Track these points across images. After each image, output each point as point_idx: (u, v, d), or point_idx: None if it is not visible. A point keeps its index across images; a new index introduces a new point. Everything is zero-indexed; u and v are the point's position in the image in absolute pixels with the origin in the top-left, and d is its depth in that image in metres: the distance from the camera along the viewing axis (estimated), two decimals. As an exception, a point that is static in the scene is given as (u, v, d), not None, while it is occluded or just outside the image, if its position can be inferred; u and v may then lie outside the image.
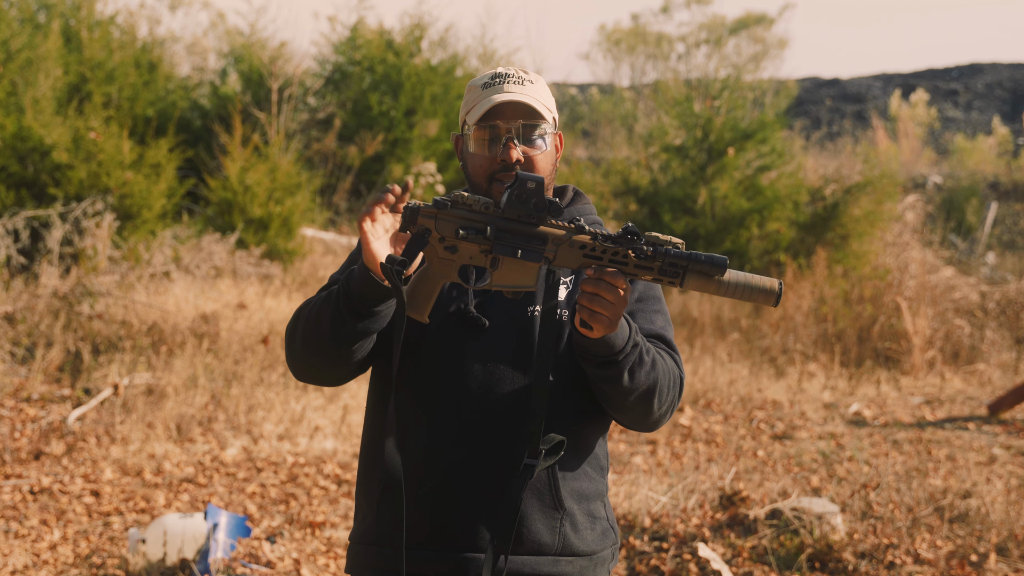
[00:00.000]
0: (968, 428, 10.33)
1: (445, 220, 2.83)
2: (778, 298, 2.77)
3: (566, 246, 2.80)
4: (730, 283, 2.77)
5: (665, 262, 2.75)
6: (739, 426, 10.31)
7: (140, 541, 6.50)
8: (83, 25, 17.16)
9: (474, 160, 3.12)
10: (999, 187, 24.49)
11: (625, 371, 2.95)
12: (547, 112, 3.11)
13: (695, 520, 6.92)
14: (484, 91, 3.12)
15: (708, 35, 34.33)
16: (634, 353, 2.95)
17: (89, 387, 9.91)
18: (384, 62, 18.83)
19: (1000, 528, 6.96)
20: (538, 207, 2.80)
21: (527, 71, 3.18)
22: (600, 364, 2.94)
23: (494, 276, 2.85)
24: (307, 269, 14.24)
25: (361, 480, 3.23)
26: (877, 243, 15.42)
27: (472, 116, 3.10)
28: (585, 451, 3.18)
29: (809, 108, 36.70)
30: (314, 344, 3.05)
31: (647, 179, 16.42)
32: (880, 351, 13.22)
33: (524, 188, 2.81)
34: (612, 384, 2.97)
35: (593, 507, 3.19)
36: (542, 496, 3.09)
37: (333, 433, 9.35)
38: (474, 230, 2.82)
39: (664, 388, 3.05)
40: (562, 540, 3.11)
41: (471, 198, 2.83)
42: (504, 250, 2.82)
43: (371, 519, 3.15)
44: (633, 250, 2.76)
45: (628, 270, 2.77)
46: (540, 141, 3.11)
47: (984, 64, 39.88)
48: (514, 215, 2.82)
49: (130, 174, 13.32)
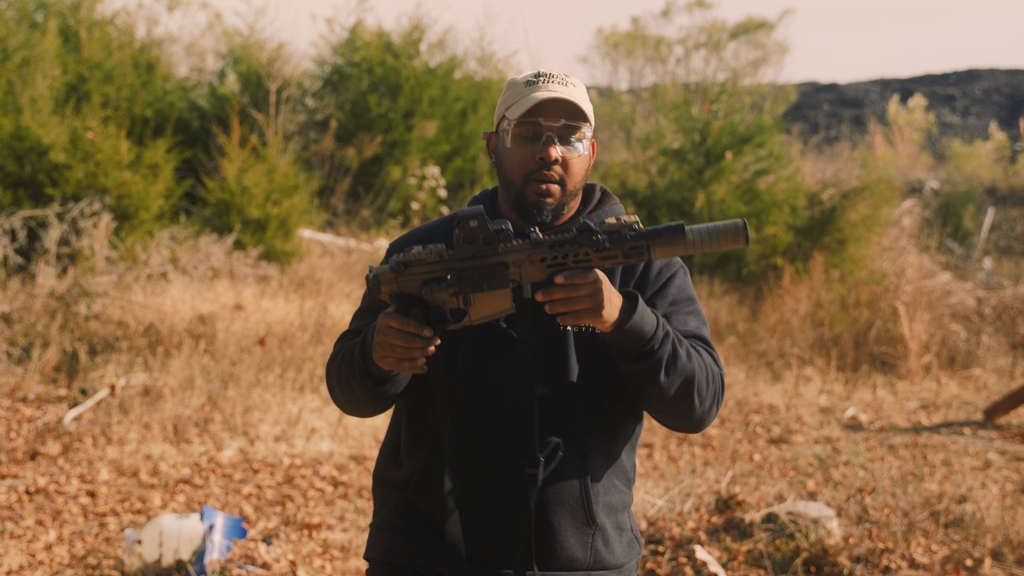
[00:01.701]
0: (964, 433, 10.34)
1: (407, 280, 2.90)
2: (746, 236, 2.78)
3: (527, 263, 2.84)
4: (695, 239, 2.80)
5: (626, 247, 2.79)
6: (735, 430, 10.31)
7: (136, 542, 6.50)
8: (81, 25, 17.16)
9: (511, 156, 3.10)
10: (996, 192, 24.51)
11: (663, 362, 2.95)
12: (589, 115, 3.10)
13: (691, 523, 6.93)
14: (527, 88, 3.10)
15: (707, 39, 34.32)
16: (667, 343, 2.95)
17: (85, 387, 9.91)
18: (383, 64, 18.83)
19: (995, 533, 6.96)
20: (487, 241, 2.85)
21: (568, 75, 3.16)
22: (636, 358, 2.94)
23: (472, 313, 2.89)
24: (304, 270, 14.23)
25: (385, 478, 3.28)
26: (874, 248, 15.43)
27: (514, 111, 3.07)
28: (614, 463, 3.18)
29: (807, 113, 36.72)
30: (355, 404, 3.17)
31: (645, 182, 16.43)
32: (876, 356, 13.24)
33: (468, 229, 2.85)
34: (650, 378, 2.97)
35: (621, 519, 3.20)
36: (575, 512, 3.10)
37: (330, 435, 9.35)
38: (436, 280, 2.88)
39: (704, 382, 3.05)
40: (594, 555, 3.13)
41: (424, 251, 2.88)
42: (471, 287, 2.87)
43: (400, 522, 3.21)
44: (592, 246, 2.79)
45: (595, 264, 2.80)
46: (579, 144, 3.10)
47: (982, 70, 39.89)
48: (468, 254, 2.86)
49: (128, 174, 13.32)
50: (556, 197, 3.09)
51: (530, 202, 3.08)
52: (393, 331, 2.87)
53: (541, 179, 3.07)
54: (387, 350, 2.89)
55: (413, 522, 3.16)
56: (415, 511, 3.15)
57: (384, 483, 3.25)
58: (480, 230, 2.84)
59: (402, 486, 3.17)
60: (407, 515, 3.17)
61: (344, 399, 3.18)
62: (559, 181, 3.08)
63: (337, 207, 17.79)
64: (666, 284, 3.19)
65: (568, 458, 3.08)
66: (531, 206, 3.09)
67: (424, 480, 3.11)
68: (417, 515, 3.15)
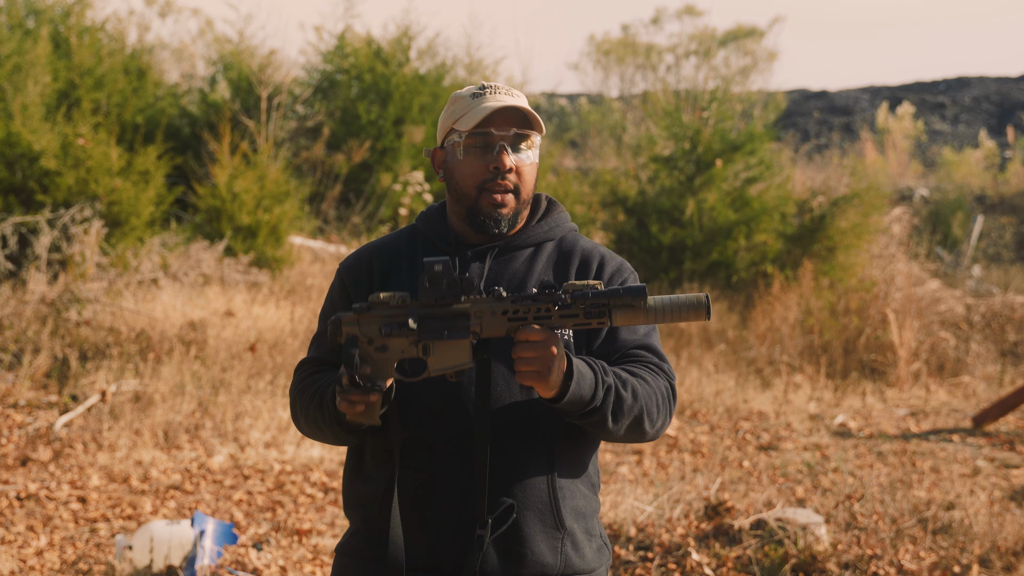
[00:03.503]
0: (952, 440, 10.37)
1: (368, 323, 2.91)
2: (708, 310, 2.80)
3: (488, 315, 2.86)
4: (656, 308, 2.82)
5: (587, 304, 2.81)
6: (725, 437, 10.34)
7: (127, 548, 6.51)
8: (72, 31, 17.14)
9: (464, 168, 3.13)
10: (985, 200, 24.57)
11: (608, 415, 2.99)
12: (540, 123, 3.13)
13: (680, 530, 6.94)
14: (474, 100, 3.12)
15: (698, 47, 34.37)
16: (609, 397, 2.98)
17: (76, 394, 9.91)
18: (372, 71, 18.83)
19: (983, 540, 6.99)
20: (451, 287, 2.87)
21: (511, 87, 3.20)
22: (580, 416, 2.98)
23: (430, 362, 2.90)
24: (295, 277, 14.24)
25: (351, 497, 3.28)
26: (864, 255, 15.46)
27: (465, 123, 3.10)
28: (580, 469, 3.20)
29: (797, 120, 36.79)
30: (324, 440, 3.21)
31: (635, 190, 16.45)
32: (866, 363, 13.27)
33: (433, 273, 2.87)
34: (598, 427, 3.02)
35: (590, 525, 3.22)
36: (544, 516, 3.11)
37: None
38: (397, 324, 2.89)
39: (653, 410, 3.08)
40: (564, 559, 3.13)
41: (387, 296, 2.90)
42: (431, 335, 2.88)
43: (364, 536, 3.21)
44: (553, 302, 2.81)
45: (553, 322, 2.82)
46: (530, 152, 3.13)
47: (971, 78, 40.00)
48: (431, 300, 2.88)
49: (118, 181, 13.32)
50: (511, 207, 3.13)
51: (485, 214, 3.12)
52: (346, 386, 2.90)
53: (495, 189, 3.10)
54: (344, 405, 2.92)
55: (371, 544, 3.16)
56: (374, 530, 3.15)
57: (349, 504, 3.25)
58: (445, 275, 2.87)
59: (366, 503, 3.17)
60: (366, 537, 3.17)
61: (311, 434, 3.22)
62: (513, 190, 3.12)
63: (328, 213, 17.79)
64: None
65: (535, 460, 3.10)
66: (486, 218, 3.12)
67: (384, 499, 3.12)
68: (377, 535, 3.14)
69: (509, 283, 3.14)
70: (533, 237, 3.21)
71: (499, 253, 3.19)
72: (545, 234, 3.23)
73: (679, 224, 15.67)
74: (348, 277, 3.25)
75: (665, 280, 15.24)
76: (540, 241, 3.23)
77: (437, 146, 3.24)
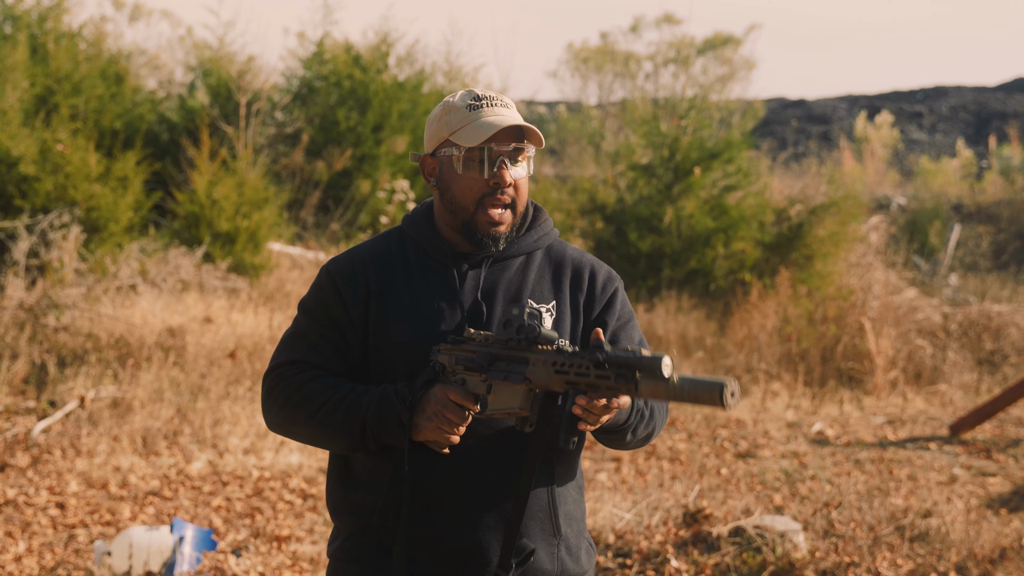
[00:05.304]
0: (929, 448, 10.41)
1: (453, 354, 3.04)
2: (723, 400, 2.63)
3: (540, 364, 2.90)
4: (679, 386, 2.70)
5: (617, 364, 2.79)
6: (703, 444, 10.36)
7: (106, 554, 6.50)
8: (49, 37, 17.11)
9: (462, 182, 3.12)
10: (962, 209, 24.67)
11: (629, 431, 3.10)
12: (537, 137, 3.13)
13: (659, 537, 6.96)
14: (472, 112, 3.12)
15: (676, 55, 34.44)
16: (635, 417, 3.08)
17: (55, 399, 9.89)
18: (351, 78, 18.82)
19: (960, 547, 7.02)
20: (520, 331, 2.93)
21: (503, 94, 3.20)
22: (607, 432, 3.08)
23: (490, 400, 2.97)
24: (274, 283, 14.22)
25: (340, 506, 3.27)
26: (841, 264, 15.51)
27: (465, 138, 3.09)
28: (572, 474, 3.25)
29: (775, 129, 36.88)
30: (310, 443, 3.21)
31: (614, 197, 16.47)
32: (843, 371, 13.31)
33: (510, 315, 2.97)
34: (615, 443, 3.13)
35: (580, 528, 3.26)
36: (544, 524, 3.15)
37: (299, 448, 9.36)
38: (471, 360, 2.99)
39: (660, 422, 3.21)
40: (560, 565, 3.17)
41: (475, 332, 3.01)
42: (495, 375, 2.96)
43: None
44: (591, 361, 2.81)
45: (591, 381, 2.82)
46: (524, 165, 3.15)
47: (949, 87, 40.18)
48: (503, 341, 2.97)
49: (97, 187, 13.30)
50: (508, 223, 3.16)
51: (482, 232, 3.13)
52: (452, 404, 2.96)
53: (493, 204, 3.12)
54: (440, 421, 2.97)
55: (369, 551, 3.17)
56: (373, 539, 3.16)
57: (340, 511, 3.24)
58: (518, 319, 2.95)
59: (362, 512, 3.17)
60: (364, 544, 3.18)
61: (295, 435, 3.21)
62: (510, 204, 3.14)
63: (307, 220, 17.79)
64: (612, 300, 3.28)
65: (540, 471, 3.14)
66: (483, 236, 3.14)
67: (386, 509, 3.12)
68: (375, 543, 3.15)
69: (505, 292, 3.18)
70: (523, 247, 3.24)
71: (492, 262, 3.21)
72: (535, 243, 3.26)
73: (657, 232, 15.70)
74: (341, 279, 3.21)
75: (643, 287, 15.28)
76: (531, 251, 3.25)
77: (427, 153, 3.23)
